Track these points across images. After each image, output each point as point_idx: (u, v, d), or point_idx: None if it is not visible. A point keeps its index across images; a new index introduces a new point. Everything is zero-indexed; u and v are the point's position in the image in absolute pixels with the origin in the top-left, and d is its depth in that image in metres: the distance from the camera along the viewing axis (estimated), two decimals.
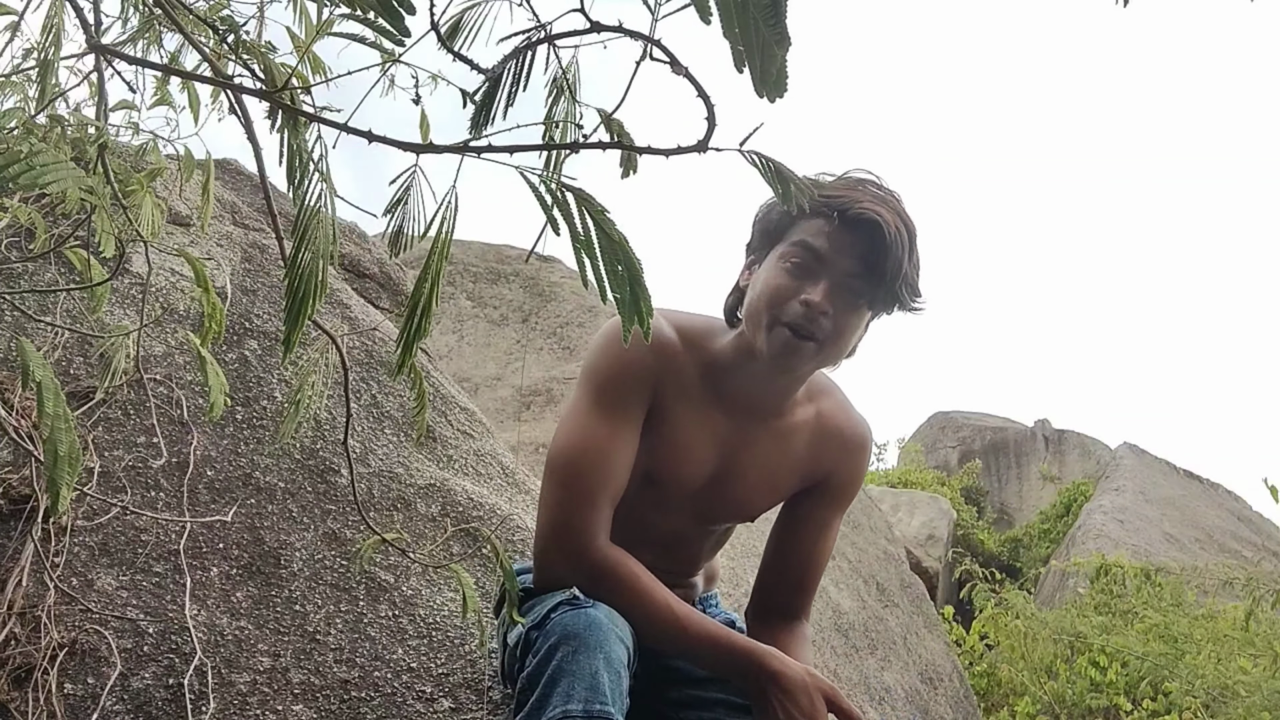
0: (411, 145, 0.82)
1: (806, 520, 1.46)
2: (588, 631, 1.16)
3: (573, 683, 1.12)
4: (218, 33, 1.21)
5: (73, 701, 1.30)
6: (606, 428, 1.31)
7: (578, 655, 1.13)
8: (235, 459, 1.74)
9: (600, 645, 1.15)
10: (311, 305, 0.84)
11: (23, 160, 0.80)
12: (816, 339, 1.26)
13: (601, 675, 1.12)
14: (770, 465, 1.41)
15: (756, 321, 1.30)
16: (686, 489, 1.40)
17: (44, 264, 1.87)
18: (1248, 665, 3.91)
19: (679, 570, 1.52)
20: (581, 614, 1.18)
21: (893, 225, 1.24)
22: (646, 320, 0.79)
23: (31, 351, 0.78)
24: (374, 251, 2.78)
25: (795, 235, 1.30)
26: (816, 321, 1.25)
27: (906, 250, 1.26)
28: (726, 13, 0.62)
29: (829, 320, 1.26)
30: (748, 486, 1.42)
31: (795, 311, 1.25)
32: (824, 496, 1.46)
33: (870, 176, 1.31)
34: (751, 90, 0.65)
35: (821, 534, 1.46)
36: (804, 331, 1.25)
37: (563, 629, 1.17)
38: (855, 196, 1.26)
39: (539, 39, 0.90)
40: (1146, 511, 7.24)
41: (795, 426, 1.42)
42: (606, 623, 1.18)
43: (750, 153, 0.81)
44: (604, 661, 1.14)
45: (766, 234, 1.35)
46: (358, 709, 1.45)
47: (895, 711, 2.80)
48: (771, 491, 1.45)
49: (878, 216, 1.24)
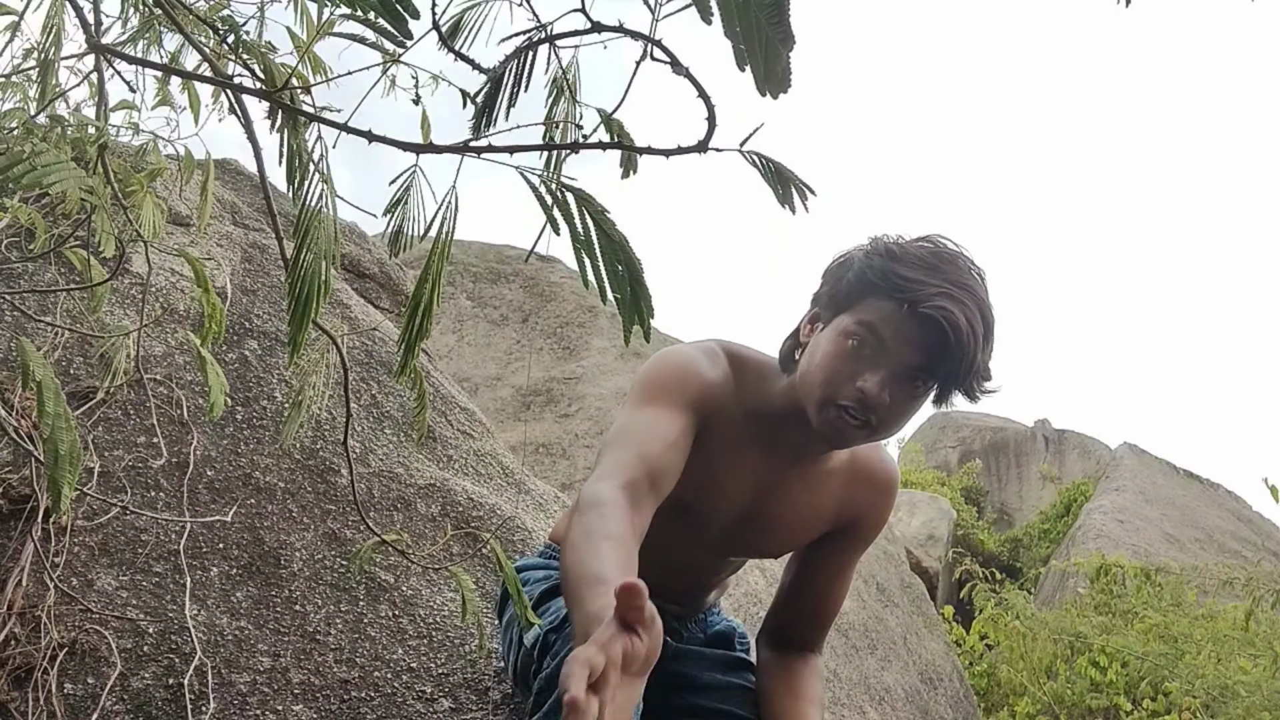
0: (411, 145, 0.82)
1: (829, 560, 1.43)
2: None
3: None
4: (218, 33, 1.21)
5: (73, 701, 1.30)
6: (655, 411, 1.26)
7: None
8: (235, 459, 1.74)
9: None
10: (315, 306, 0.84)
11: (25, 160, 0.80)
12: (870, 425, 1.20)
13: None
14: (803, 508, 1.38)
15: (810, 394, 1.24)
16: (717, 523, 1.37)
17: (44, 264, 1.87)
18: (1248, 665, 3.90)
19: (686, 592, 1.47)
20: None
21: (965, 327, 1.14)
22: (647, 320, 0.79)
23: (31, 351, 0.78)
24: (374, 251, 2.78)
25: (863, 312, 1.21)
26: (872, 410, 1.19)
27: (979, 347, 1.17)
28: (728, 12, 0.62)
29: (884, 409, 1.19)
30: (778, 527, 1.38)
31: (850, 395, 1.19)
32: (849, 538, 1.42)
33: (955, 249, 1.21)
34: (749, 90, 0.65)
35: (841, 573, 1.44)
36: (858, 417, 1.20)
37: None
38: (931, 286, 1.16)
39: (539, 39, 0.90)
40: (1146, 511, 7.24)
41: (831, 470, 1.39)
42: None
43: (750, 153, 0.81)
44: None
45: (834, 298, 1.27)
46: (358, 709, 1.45)
47: (895, 712, 2.80)
48: (801, 532, 1.41)
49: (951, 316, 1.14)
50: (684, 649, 1.46)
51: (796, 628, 1.44)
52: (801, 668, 1.40)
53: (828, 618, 1.44)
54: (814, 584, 1.44)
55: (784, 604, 1.46)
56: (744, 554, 1.46)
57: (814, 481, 1.37)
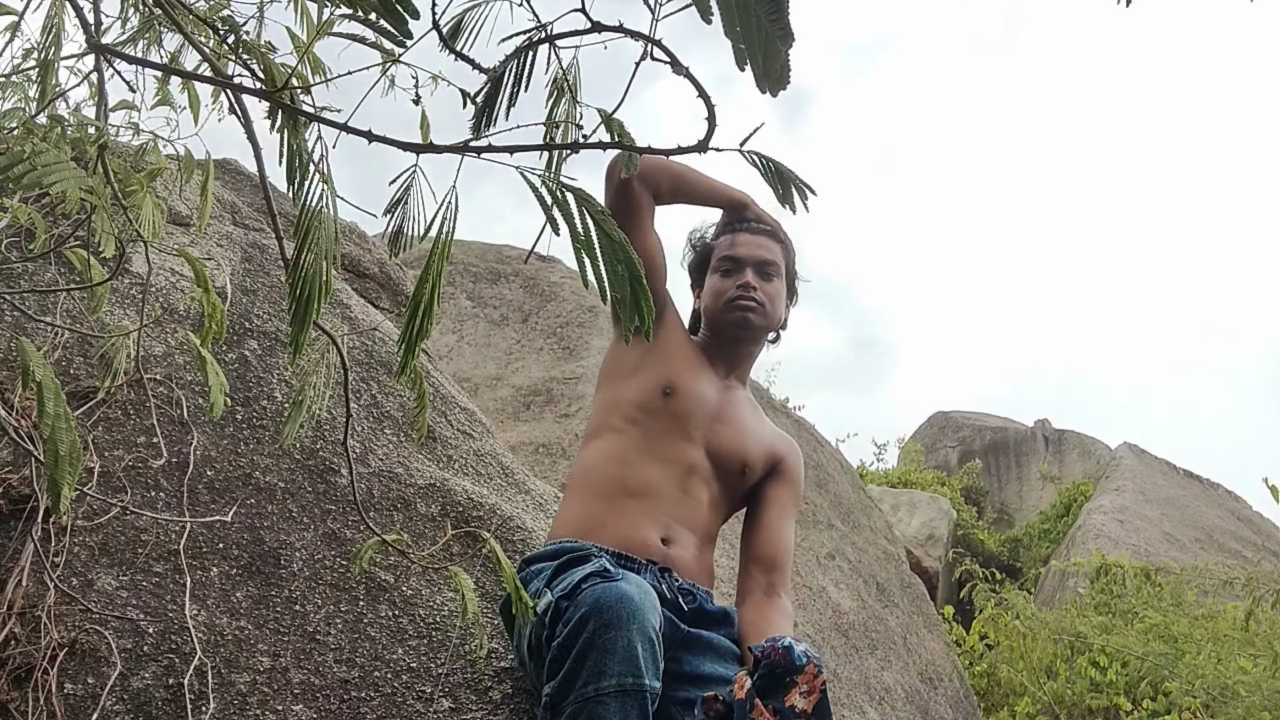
0: (411, 145, 0.82)
1: (771, 501, 1.76)
2: (620, 604, 1.23)
3: (603, 658, 1.20)
4: (218, 33, 1.21)
5: (73, 701, 1.30)
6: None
7: (610, 630, 1.21)
8: (235, 459, 1.74)
9: (633, 617, 1.23)
10: (316, 306, 0.84)
11: (25, 160, 0.80)
12: (758, 302, 1.77)
13: (636, 647, 1.21)
14: (748, 418, 1.80)
15: (714, 309, 1.81)
16: (696, 416, 1.71)
17: (44, 264, 1.87)
18: (1248, 665, 3.90)
19: (689, 522, 1.66)
20: (613, 587, 1.26)
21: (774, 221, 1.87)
22: (647, 320, 0.79)
23: (31, 351, 0.78)
24: (374, 251, 2.78)
25: (716, 258, 1.84)
26: (753, 290, 1.77)
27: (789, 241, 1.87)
28: (728, 11, 0.62)
29: (759, 291, 1.78)
30: (739, 425, 1.77)
31: (735, 292, 1.78)
32: (779, 479, 1.79)
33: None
34: (748, 89, 0.65)
35: (783, 515, 1.76)
36: (747, 301, 1.77)
37: (594, 600, 1.24)
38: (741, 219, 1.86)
39: (540, 39, 0.90)
40: (1146, 511, 7.24)
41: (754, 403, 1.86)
42: (638, 595, 1.26)
43: (750, 153, 0.81)
44: (638, 632, 1.22)
45: (697, 266, 1.90)
46: (358, 709, 1.45)
47: (895, 711, 2.80)
48: (755, 441, 1.78)
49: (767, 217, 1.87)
50: (693, 635, 1.52)
51: (758, 573, 1.68)
52: (767, 607, 1.62)
53: (782, 557, 1.71)
54: (763, 525, 1.74)
55: (744, 554, 1.73)
56: (724, 453, 1.73)
57: (747, 402, 1.84)
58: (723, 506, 1.76)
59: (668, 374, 1.71)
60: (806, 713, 1.29)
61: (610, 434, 1.70)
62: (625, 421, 1.70)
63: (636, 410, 1.70)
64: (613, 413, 1.72)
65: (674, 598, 1.54)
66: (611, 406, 1.74)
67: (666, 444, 1.68)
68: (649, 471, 1.65)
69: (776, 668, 1.31)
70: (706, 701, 1.36)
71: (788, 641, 1.33)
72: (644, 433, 1.68)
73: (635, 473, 1.64)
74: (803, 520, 3.56)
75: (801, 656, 1.31)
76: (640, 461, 1.65)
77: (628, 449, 1.67)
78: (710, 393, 1.75)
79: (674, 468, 1.67)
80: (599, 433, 1.73)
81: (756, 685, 1.31)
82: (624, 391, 1.73)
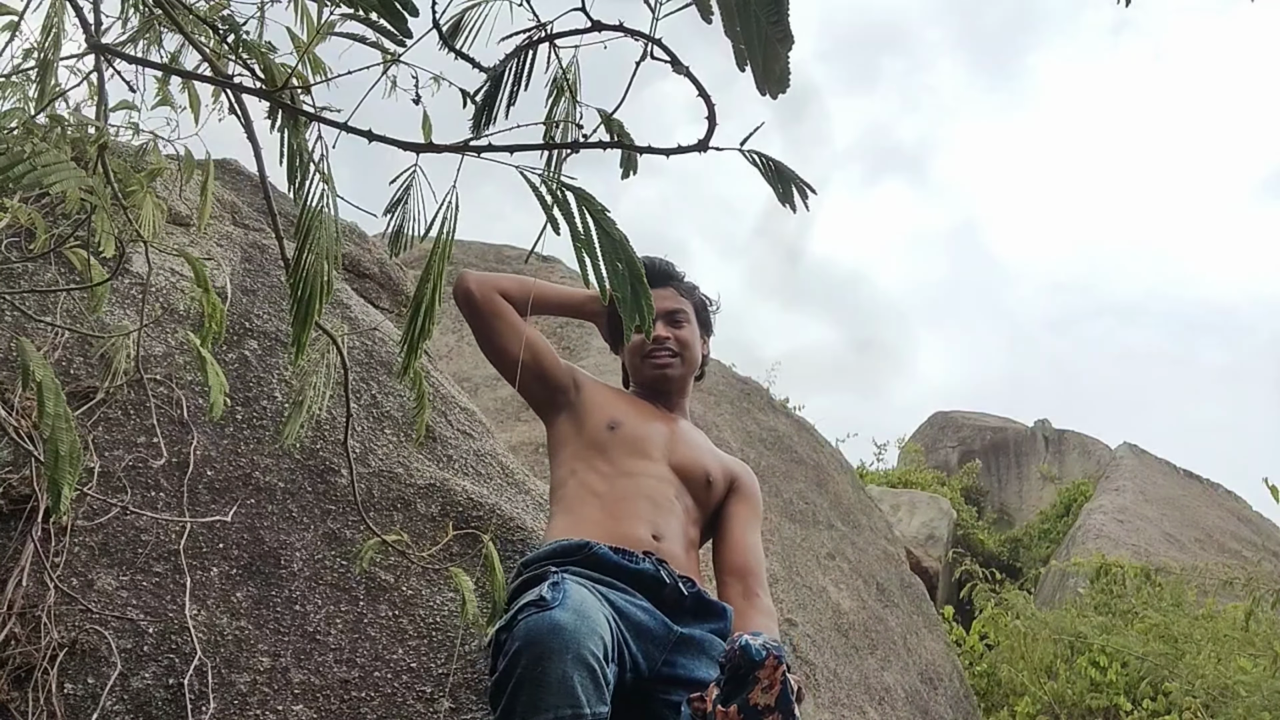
0: (412, 145, 0.82)
1: (734, 516, 1.86)
2: (552, 635, 1.22)
3: (537, 692, 1.18)
4: (218, 33, 1.21)
5: (73, 701, 1.30)
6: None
7: (542, 662, 1.20)
8: (235, 459, 1.74)
9: (567, 647, 1.21)
10: (318, 307, 0.84)
11: (25, 160, 0.80)
12: (673, 352, 1.93)
13: (572, 677, 1.19)
14: (701, 440, 1.94)
15: (635, 365, 1.97)
16: (651, 440, 1.82)
17: (44, 264, 1.87)
18: (1248, 665, 3.90)
19: (671, 526, 1.73)
20: (545, 617, 1.25)
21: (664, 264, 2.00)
22: (648, 319, 0.79)
23: (32, 351, 0.78)
24: (374, 251, 2.78)
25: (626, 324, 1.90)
26: (666, 344, 1.92)
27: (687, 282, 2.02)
28: (728, 11, 0.62)
29: (673, 340, 1.93)
30: (695, 445, 1.90)
31: (650, 348, 1.92)
32: (738, 495, 1.89)
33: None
34: (748, 89, 0.65)
35: (747, 526, 1.86)
36: (661, 354, 1.92)
37: (525, 633, 1.23)
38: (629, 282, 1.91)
39: (540, 38, 0.90)
40: (1146, 511, 7.23)
41: (698, 428, 1.99)
42: (572, 622, 1.24)
43: (751, 152, 0.81)
44: (574, 661, 1.20)
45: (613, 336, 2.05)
46: (358, 709, 1.45)
47: (895, 711, 2.80)
48: (712, 457, 1.91)
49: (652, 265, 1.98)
50: (685, 636, 1.54)
51: (735, 583, 1.76)
52: (746, 608, 1.71)
53: (753, 562, 1.80)
54: (731, 538, 1.84)
55: (720, 569, 1.81)
56: (688, 466, 1.83)
57: (694, 429, 1.97)
58: (697, 517, 1.83)
59: (609, 414, 1.84)
60: (770, 706, 1.31)
61: (574, 477, 1.78)
62: (585, 463, 1.78)
63: (591, 449, 1.80)
64: (571, 462, 1.81)
65: (674, 583, 1.58)
66: (568, 460, 1.82)
67: (631, 462, 1.77)
68: (624, 485, 1.74)
69: (739, 668, 1.32)
70: (690, 702, 1.40)
71: (744, 640, 1.33)
72: (608, 459, 1.77)
73: (613, 487, 1.73)
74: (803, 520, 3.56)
75: (760, 651, 1.31)
76: (614, 477, 1.75)
77: (597, 477, 1.75)
78: (657, 424, 1.88)
79: (646, 480, 1.76)
80: (564, 482, 1.80)
81: (724, 689, 1.33)
82: (573, 446, 1.83)
